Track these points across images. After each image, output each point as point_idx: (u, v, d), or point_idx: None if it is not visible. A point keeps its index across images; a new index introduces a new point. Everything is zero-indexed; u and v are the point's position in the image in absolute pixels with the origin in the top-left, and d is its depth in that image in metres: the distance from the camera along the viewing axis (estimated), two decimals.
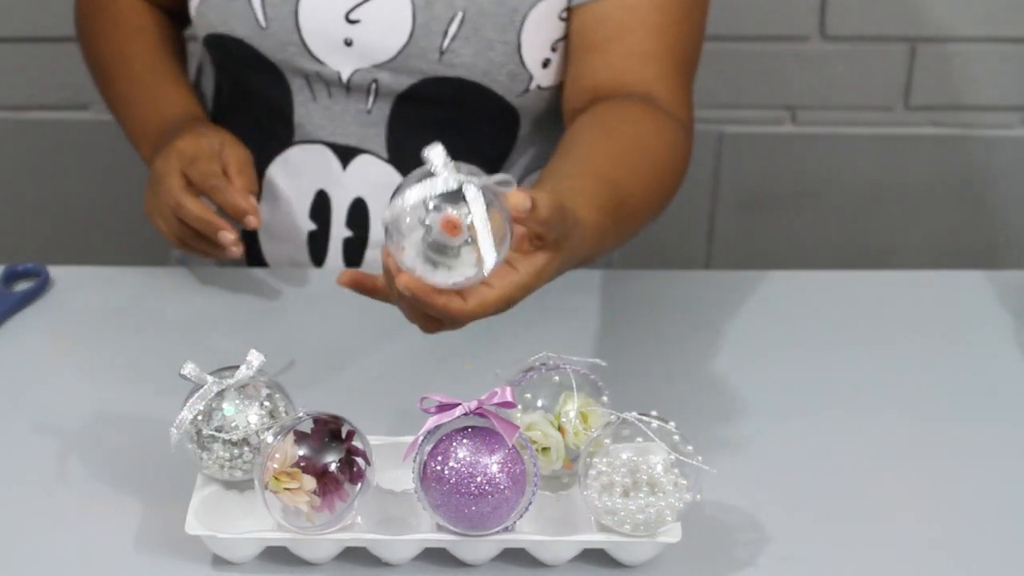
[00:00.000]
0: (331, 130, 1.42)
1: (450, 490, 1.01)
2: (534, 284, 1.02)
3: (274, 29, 1.38)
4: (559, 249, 1.03)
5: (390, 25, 1.36)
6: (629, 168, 1.23)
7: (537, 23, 1.36)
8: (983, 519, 1.12)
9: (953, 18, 2.01)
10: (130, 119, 1.47)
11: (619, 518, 1.03)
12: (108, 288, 1.38)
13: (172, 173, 1.31)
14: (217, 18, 1.40)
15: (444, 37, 1.35)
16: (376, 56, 1.37)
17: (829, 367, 1.29)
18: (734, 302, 1.38)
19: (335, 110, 1.42)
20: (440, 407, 1.02)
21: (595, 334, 1.32)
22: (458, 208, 0.95)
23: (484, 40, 1.35)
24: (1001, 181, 2.12)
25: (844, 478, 1.15)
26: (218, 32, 1.41)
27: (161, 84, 1.46)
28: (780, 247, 2.16)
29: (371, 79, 1.39)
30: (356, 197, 1.43)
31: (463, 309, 1.00)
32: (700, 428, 1.06)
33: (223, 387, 1.07)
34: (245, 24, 1.38)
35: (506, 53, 1.36)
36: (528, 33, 1.36)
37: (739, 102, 2.07)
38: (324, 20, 1.37)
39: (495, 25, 1.35)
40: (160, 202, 1.32)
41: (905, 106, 2.07)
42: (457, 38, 1.35)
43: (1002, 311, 1.37)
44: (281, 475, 1.01)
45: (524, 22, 1.35)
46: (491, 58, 1.36)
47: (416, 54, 1.36)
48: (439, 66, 1.36)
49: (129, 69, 1.48)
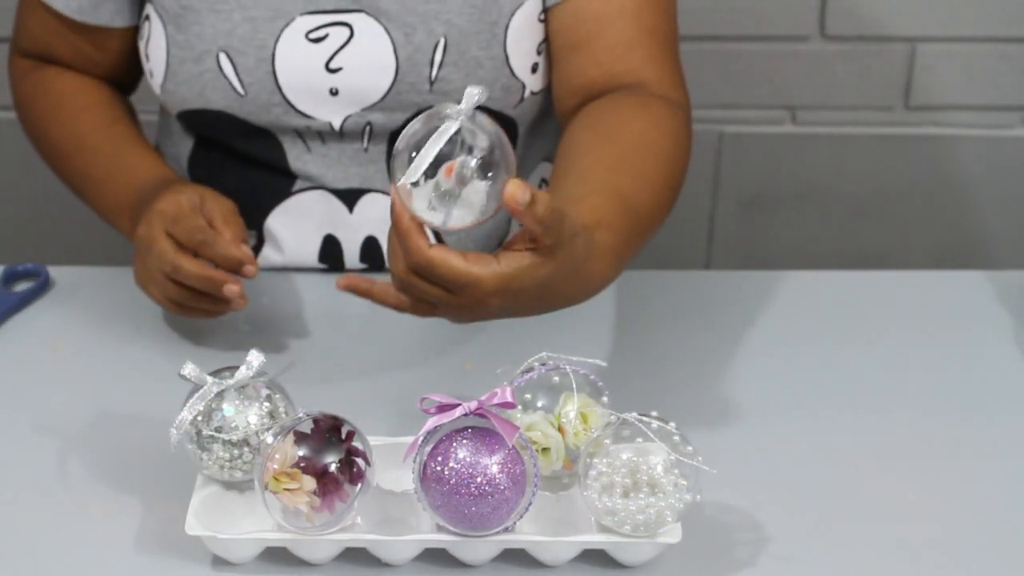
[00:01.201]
0: (332, 176, 1.39)
1: (450, 491, 1.01)
2: (513, 280, 1.00)
3: (254, 93, 1.33)
4: (552, 256, 1.00)
5: (373, 66, 1.32)
6: (636, 174, 1.21)
7: (519, 31, 1.34)
8: (983, 519, 1.12)
9: (953, 18, 2.01)
10: (99, 196, 1.39)
11: (619, 518, 1.02)
12: (108, 288, 1.38)
13: (159, 238, 1.24)
14: (190, 93, 1.35)
15: (431, 67, 1.32)
16: (365, 99, 1.34)
17: (829, 367, 1.29)
18: (734, 302, 1.38)
19: (332, 156, 1.38)
20: (440, 407, 1.02)
21: (595, 334, 1.32)
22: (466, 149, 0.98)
23: (472, 60, 1.33)
24: (1000, 181, 2.12)
25: (844, 478, 1.15)
26: (193, 108, 1.36)
27: (123, 154, 1.39)
28: (780, 247, 2.16)
29: (364, 122, 1.35)
30: (367, 236, 1.40)
31: (465, 269, 0.99)
32: (700, 428, 1.06)
33: (223, 387, 1.07)
34: (222, 95, 1.34)
35: (495, 68, 1.34)
36: (512, 43, 1.34)
37: (739, 102, 2.07)
38: (304, 74, 1.32)
39: (479, 43, 1.32)
40: (151, 269, 1.25)
41: (905, 106, 2.07)
42: (445, 64, 1.32)
43: (1002, 311, 1.37)
44: (281, 475, 1.01)
45: (507, 33, 1.33)
46: (482, 76, 1.33)
47: (406, 89, 1.33)
48: (432, 96, 1.33)
49: (85, 145, 1.41)
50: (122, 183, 1.37)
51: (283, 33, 1.32)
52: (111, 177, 1.38)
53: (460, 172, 0.99)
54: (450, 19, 1.31)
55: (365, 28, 1.32)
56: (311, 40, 1.32)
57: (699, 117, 1.56)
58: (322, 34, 1.32)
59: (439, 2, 1.31)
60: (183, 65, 1.33)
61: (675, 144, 1.28)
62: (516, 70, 1.35)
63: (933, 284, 1.44)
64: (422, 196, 0.99)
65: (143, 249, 1.26)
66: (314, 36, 1.32)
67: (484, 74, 1.33)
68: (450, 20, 1.31)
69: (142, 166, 1.38)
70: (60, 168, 1.44)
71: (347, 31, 1.32)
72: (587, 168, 1.20)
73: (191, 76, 1.33)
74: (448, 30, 1.31)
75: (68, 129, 1.42)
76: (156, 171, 1.37)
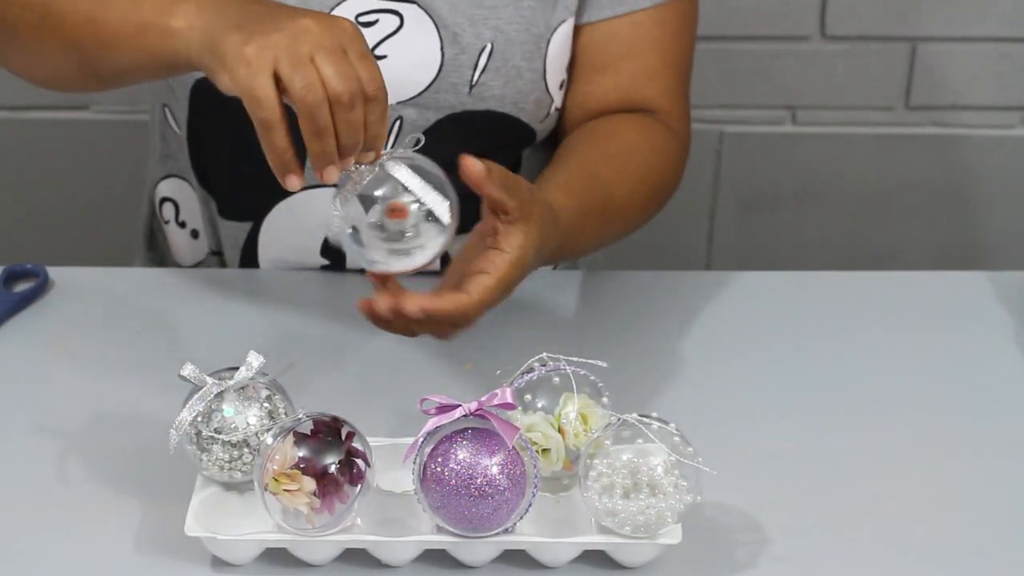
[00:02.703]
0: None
1: (450, 491, 1.01)
2: (523, 259, 1.03)
3: None
4: (528, 218, 1.03)
5: (418, 60, 1.31)
6: (614, 168, 1.24)
7: (558, 46, 1.34)
8: (983, 519, 1.12)
9: (953, 18, 2.01)
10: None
11: (619, 519, 1.02)
12: (108, 288, 1.38)
13: (351, 26, 0.99)
14: None
15: (474, 70, 1.31)
16: (403, 93, 1.31)
17: (829, 368, 1.29)
18: (734, 302, 1.38)
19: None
20: (440, 408, 1.02)
21: (595, 335, 1.32)
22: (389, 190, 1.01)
23: (513, 70, 1.32)
24: (1001, 181, 2.12)
25: (844, 479, 1.15)
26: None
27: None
28: (780, 247, 2.16)
29: (395, 116, 1.32)
30: None
31: (470, 302, 1.00)
32: (700, 429, 1.06)
33: (222, 388, 1.07)
34: None
35: (533, 80, 1.33)
36: (551, 58, 1.33)
37: (739, 102, 2.07)
38: None
39: (523, 53, 1.32)
40: (301, 50, 0.97)
41: (905, 106, 2.07)
42: (487, 70, 1.31)
43: (1002, 312, 1.37)
44: (281, 476, 1.01)
45: (548, 47, 1.33)
46: (520, 87, 1.32)
47: (445, 88, 1.31)
48: (469, 99, 1.32)
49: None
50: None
51: (334, 11, 1.28)
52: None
53: (405, 207, 1.02)
54: (499, 26, 1.31)
55: (415, 20, 1.30)
56: (361, 23, 1.29)
57: (699, 117, 1.56)
58: (372, 19, 1.30)
59: (490, 8, 1.31)
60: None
61: (661, 161, 1.32)
62: (550, 85, 1.35)
63: (933, 284, 1.44)
64: (377, 247, 1.03)
65: (298, 13, 1.01)
66: (364, 19, 1.30)
67: (523, 84, 1.33)
68: (499, 27, 1.31)
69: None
70: (70, 9, 1.12)
71: (397, 20, 1.30)
72: (563, 156, 1.24)
73: None
74: (496, 36, 1.31)
75: None
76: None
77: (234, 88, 0.99)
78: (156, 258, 1.53)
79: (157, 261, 1.52)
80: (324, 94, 0.97)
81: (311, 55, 0.98)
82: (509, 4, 1.31)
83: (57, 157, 2.11)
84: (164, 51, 1.04)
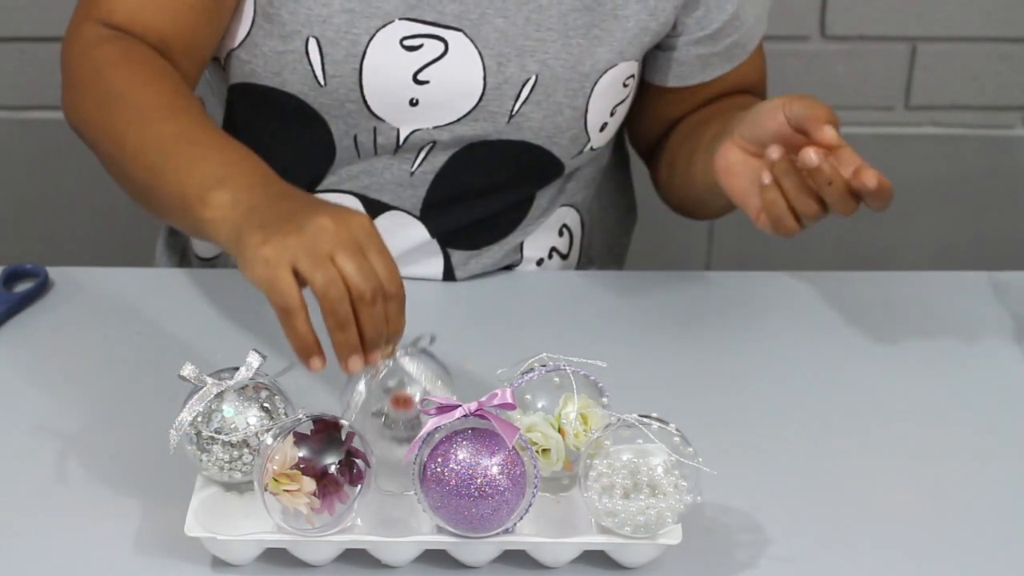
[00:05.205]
0: (366, 183, 1.36)
1: (450, 492, 1.01)
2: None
3: (334, 87, 1.29)
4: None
5: (460, 87, 1.30)
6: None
7: (604, 88, 1.33)
8: (984, 520, 1.12)
9: (953, 18, 2.01)
10: (197, 160, 1.12)
11: (619, 520, 1.02)
12: (108, 288, 1.38)
13: (366, 221, 1.04)
14: (264, 69, 1.30)
15: (516, 101, 1.31)
16: (441, 118, 1.31)
17: (829, 368, 1.29)
18: (734, 302, 1.38)
19: (377, 167, 1.35)
20: (440, 409, 1.02)
21: (595, 335, 1.32)
22: (394, 381, 1.08)
23: (554, 104, 1.32)
24: (1001, 181, 2.12)
25: (844, 479, 1.15)
26: (263, 84, 1.31)
27: (217, 132, 1.18)
28: (780, 247, 2.15)
29: (430, 140, 1.32)
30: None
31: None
32: (700, 429, 1.06)
33: (222, 388, 1.07)
34: (300, 80, 1.29)
35: (573, 118, 1.33)
36: (595, 99, 1.33)
37: None
38: (390, 79, 1.29)
39: (567, 90, 1.32)
40: (318, 240, 1.02)
41: (905, 106, 2.07)
42: (528, 102, 1.31)
43: (1003, 312, 1.37)
44: (281, 477, 1.01)
45: (594, 88, 1.33)
46: (558, 123, 1.32)
47: (484, 117, 1.31)
48: (507, 128, 1.32)
49: (187, 109, 1.19)
50: (241, 154, 1.13)
51: (378, 33, 1.28)
52: (224, 143, 1.15)
53: (411, 399, 1.09)
54: (546, 60, 1.30)
55: (460, 48, 1.29)
56: (405, 47, 1.29)
57: None
58: (417, 43, 1.29)
59: (538, 40, 1.30)
60: (268, 40, 1.29)
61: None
62: (589, 124, 1.35)
63: (933, 284, 1.44)
64: (382, 435, 1.09)
65: (318, 212, 1.04)
66: (409, 44, 1.29)
67: (562, 120, 1.33)
68: (545, 61, 1.30)
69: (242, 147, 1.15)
70: (138, 136, 1.17)
71: (442, 46, 1.29)
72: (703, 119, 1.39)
73: (272, 53, 1.29)
74: (541, 70, 1.31)
75: (168, 94, 1.20)
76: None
77: (255, 282, 1.04)
78: (177, 245, 1.53)
79: (178, 249, 1.52)
80: (345, 289, 1.02)
81: (331, 254, 1.02)
82: (558, 40, 1.30)
83: (57, 157, 2.11)
84: (200, 231, 1.11)
